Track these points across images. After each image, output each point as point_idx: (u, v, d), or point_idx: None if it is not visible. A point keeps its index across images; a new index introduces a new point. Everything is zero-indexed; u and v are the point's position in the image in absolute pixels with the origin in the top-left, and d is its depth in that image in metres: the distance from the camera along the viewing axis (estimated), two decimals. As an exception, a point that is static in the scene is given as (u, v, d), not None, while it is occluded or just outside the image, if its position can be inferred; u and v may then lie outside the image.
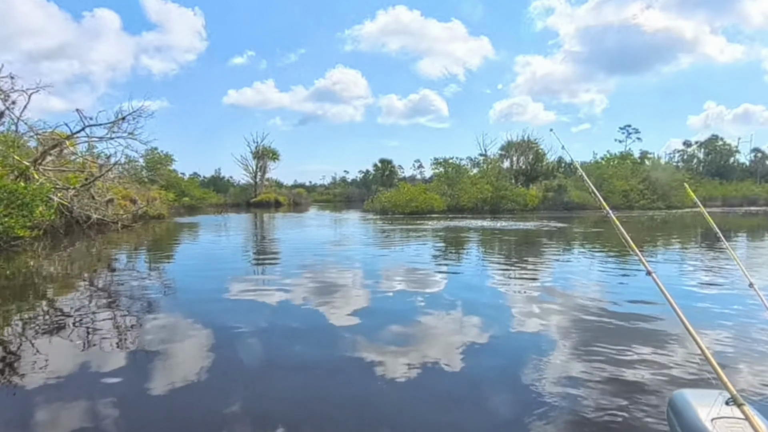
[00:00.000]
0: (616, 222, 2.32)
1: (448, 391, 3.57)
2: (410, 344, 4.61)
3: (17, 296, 7.13)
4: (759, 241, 15.85)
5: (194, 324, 5.34)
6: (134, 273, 9.48)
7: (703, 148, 59.34)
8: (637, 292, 6.86)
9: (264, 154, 54.40)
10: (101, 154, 21.95)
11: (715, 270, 9.06)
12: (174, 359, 4.22)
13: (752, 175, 56.53)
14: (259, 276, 9.17)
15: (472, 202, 33.28)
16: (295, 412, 3.22)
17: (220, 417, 3.08)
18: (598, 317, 5.47)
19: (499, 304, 6.45)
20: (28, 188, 12.95)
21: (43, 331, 5.14)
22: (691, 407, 1.96)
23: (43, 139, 17.63)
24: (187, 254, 13.31)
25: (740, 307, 5.85)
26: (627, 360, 4.01)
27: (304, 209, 44.35)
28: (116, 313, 5.92)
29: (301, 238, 17.60)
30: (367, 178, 69.29)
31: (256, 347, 4.58)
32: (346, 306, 6.15)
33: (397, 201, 32.61)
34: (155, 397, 3.38)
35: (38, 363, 4.12)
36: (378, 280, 8.14)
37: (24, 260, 10.77)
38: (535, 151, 44.33)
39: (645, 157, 51.35)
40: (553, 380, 3.59)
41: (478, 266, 10.39)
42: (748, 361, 3.99)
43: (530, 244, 14.71)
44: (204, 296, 6.99)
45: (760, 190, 49.70)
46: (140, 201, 22.57)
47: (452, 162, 41.50)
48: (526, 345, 4.54)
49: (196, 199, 42.12)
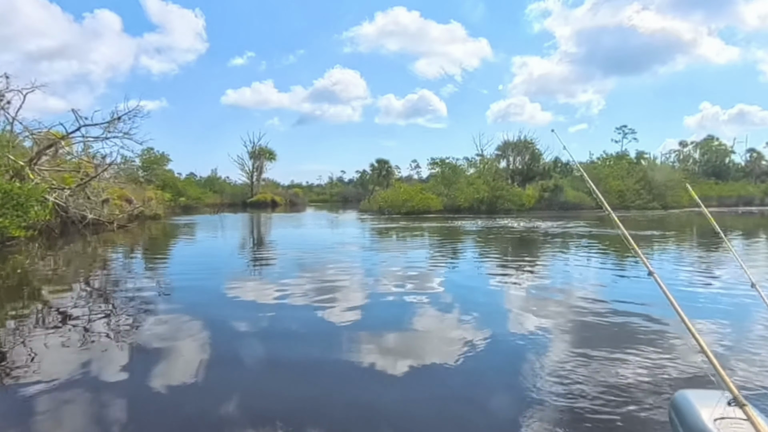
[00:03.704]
0: (618, 222, 2.31)
1: (448, 391, 3.56)
2: (409, 344, 4.60)
3: (12, 296, 7.08)
4: (759, 241, 15.92)
5: (192, 324, 5.30)
6: (130, 273, 9.44)
7: (698, 148, 59.52)
8: (637, 292, 6.88)
9: (261, 154, 54.31)
10: (97, 154, 21.86)
11: (715, 270, 9.08)
12: (172, 359, 4.19)
13: (747, 175, 56.79)
14: (257, 276, 9.14)
15: (469, 202, 33.28)
16: (295, 411, 3.20)
17: (220, 417, 3.07)
18: (597, 317, 5.47)
19: (497, 303, 6.45)
20: (23, 188, 12.88)
21: (38, 331, 5.09)
22: (693, 408, 1.96)
23: (38, 138, 17.53)
24: (183, 254, 13.25)
25: (742, 308, 5.87)
26: (628, 360, 4.01)
27: (301, 209, 44.31)
28: (112, 313, 5.89)
29: (299, 238, 17.57)
30: (364, 178, 69.17)
31: (255, 347, 4.55)
32: (345, 306, 6.14)
33: (393, 201, 32.60)
34: (155, 397, 3.36)
35: (34, 363, 4.08)
36: (375, 280, 8.12)
37: (19, 260, 10.70)
38: (532, 151, 44.42)
39: (641, 158, 51.48)
40: (553, 380, 3.58)
41: (477, 266, 10.39)
42: (750, 361, 3.99)
43: (528, 243, 14.73)
44: (201, 296, 6.94)
45: (755, 190, 49.89)
46: (136, 201, 22.46)
47: (449, 162, 41.60)
48: (525, 345, 4.53)
49: (192, 199, 41.98)
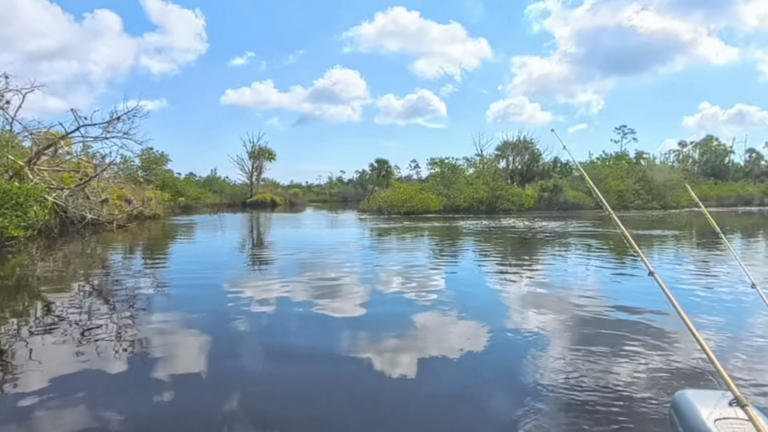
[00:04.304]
0: (618, 222, 2.31)
1: (450, 389, 3.56)
2: (409, 344, 4.60)
3: (11, 297, 7.07)
4: (758, 241, 15.92)
5: (191, 324, 5.29)
6: (130, 273, 9.42)
7: (698, 148, 59.66)
8: (637, 292, 6.88)
9: (260, 154, 54.31)
10: (96, 154, 21.87)
11: (715, 270, 9.08)
12: (171, 359, 4.18)
13: (747, 175, 56.88)
14: (257, 276, 9.12)
15: (468, 202, 33.29)
16: (295, 411, 3.20)
17: (221, 417, 3.06)
18: (597, 316, 5.46)
19: (497, 302, 6.44)
20: (22, 188, 12.86)
21: (37, 331, 5.09)
22: (694, 408, 1.95)
23: (37, 138, 17.53)
24: (183, 254, 13.23)
25: (742, 308, 5.87)
26: (628, 359, 4.01)
27: (301, 209, 44.29)
28: (112, 313, 5.87)
29: (298, 238, 17.56)
30: (364, 178, 69.24)
31: (255, 346, 4.55)
32: (345, 305, 6.14)
33: (393, 201, 32.58)
34: (154, 397, 3.35)
35: (32, 363, 4.07)
36: (375, 279, 8.12)
37: (18, 260, 10.69)
38: (531, 151, 44.49)
39: (640, 158, 51.57)
40: (553, 379, 3.58)
41: (476, 265, 10.38)
42: (751, 361, 3.99)
43: (527, 243, 14.73)
44: (200, 296, 6.93)
45: (754, 190, 49.95)
46: (135, 201, 22.45)
47: (448, 162, 41.60)
48: (525, 344, 4.52)
49: (191, 199, 41.95)
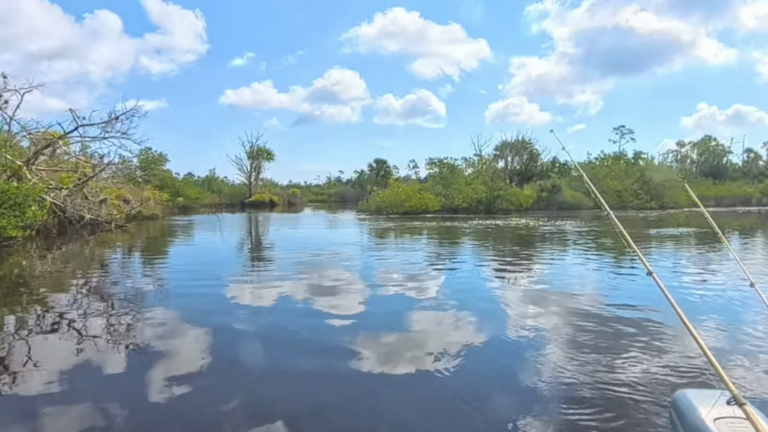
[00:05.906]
0: (617, 222, 2.32)
1: (448, 389, 3.56)
2: (408, 342, 4.60)
3: (10, 296, 7.05)
4: (757, 241, 15.96)
5: (191, 324, 5.28)
6: (128, 273, 9.42)
7: (696, 148, 59.77)
8: (636, 292, 6.89)
9: (259, 154, 54.27)
10: (95, 154, 21.81)
11: (714, 269, 9.10)
12: (171, 360, 4.17)
13: (745, 175, 56.99)
14: (256, 276, 9.13)
15: (467, 202, 33.32)
16: (295, 409, 3.20)
17: (220, 418, 3.06)
18: (597, 316, 5.47)
19: (496, 304, 6.44)
20: (20, 188, 12.85)
21: (36, 331, 5.08)
22: (693, 407, 1.96)
23: (35, 138, 17.49)
24: (181, 254, 13.22)
25: (741, 307, 5.87)
26: (627, 359, 4.01)
27: (299, 209, 44.28)
28: (111, 313, 5.87)
29: (297, 238, 17.55)
30: (362, 178, 69.20)
31: (254, 347, 4.54)
32: (344, 306, 6.13)
33: (391, 201, 32.57)
34: (154, 397, 3.35)
35: (31, 362, 4.07)
36: (374, 280, 8.12)
37: (16, 260, 10.67)
38: (530, 151, 44.56)
39: (639, 158, 51.67)
40: (553, 379, 3.59)
41: (476, 265, 10.39)
42: (750, 360, 3.99)
43: (527, 243, 14.74)
44: (199, 296, 6.91)
45: (752, 189, 50.01)
46: (134, 201, 22.42)
47: (447, 162, 41.64)
48: (524, 344, 4.52)
49: (190, 199, 41.88)
